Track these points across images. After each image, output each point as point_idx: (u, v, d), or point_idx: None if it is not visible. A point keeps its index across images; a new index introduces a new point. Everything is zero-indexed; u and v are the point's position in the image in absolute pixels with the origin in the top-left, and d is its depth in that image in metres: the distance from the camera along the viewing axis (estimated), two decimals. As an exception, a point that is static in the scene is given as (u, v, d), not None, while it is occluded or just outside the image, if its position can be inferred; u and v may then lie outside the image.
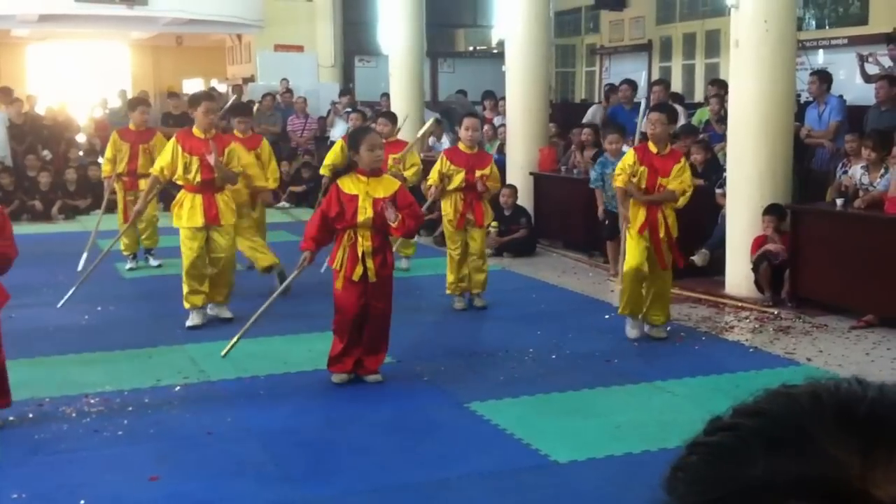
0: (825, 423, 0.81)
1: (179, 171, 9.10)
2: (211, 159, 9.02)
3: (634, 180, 8.52)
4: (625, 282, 8.69)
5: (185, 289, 9.30)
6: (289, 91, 21.35)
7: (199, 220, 9.16)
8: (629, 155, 8.74)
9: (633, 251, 8.62)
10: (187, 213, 9.17)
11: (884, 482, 0.77)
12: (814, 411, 0.83)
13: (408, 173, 10.51)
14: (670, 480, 0.87)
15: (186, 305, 9.31)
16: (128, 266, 12.29)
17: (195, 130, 9.30)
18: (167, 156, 9.19)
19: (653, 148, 8.57)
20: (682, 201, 8.58)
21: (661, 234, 8.53)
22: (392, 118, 11.72)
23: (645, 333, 8.81)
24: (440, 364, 8.06)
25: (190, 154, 9.11)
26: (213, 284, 9.48)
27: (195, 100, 9.68)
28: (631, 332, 8.79)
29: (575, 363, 8.08)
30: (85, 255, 11.39)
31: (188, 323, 9.28)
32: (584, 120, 15.58)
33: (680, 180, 8.50)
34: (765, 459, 0.81)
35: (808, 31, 16.29)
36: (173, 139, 9.36)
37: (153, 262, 12.52)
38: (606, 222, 11.46)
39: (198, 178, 9.12)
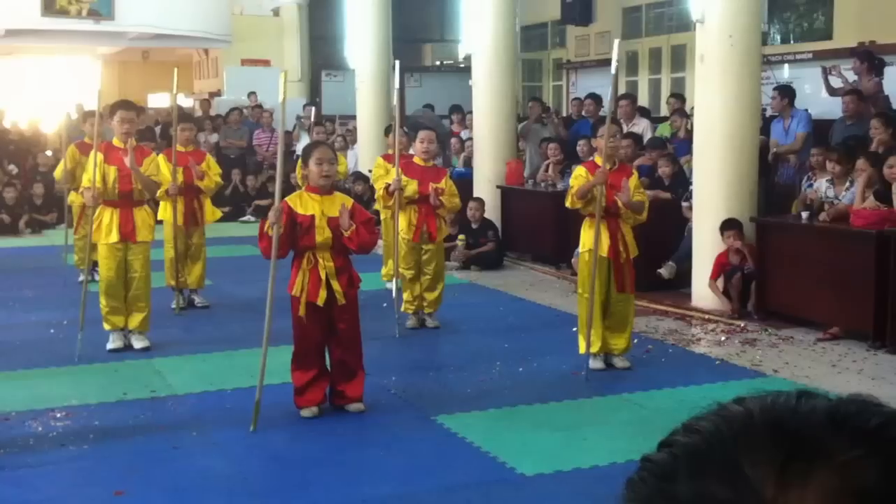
0: (751, 443, 0.81)
1: (99, 182, 8.61)
2: (127, 161, 8.57)
3: (588, 196, 8.04)
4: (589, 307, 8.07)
5: (104, 309, 8.84)
6: (258, 106, 21.33)
7: (115, 236, 8.73)
8: (581, 173, 8.23)
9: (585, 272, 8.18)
10: (105, 228, 8.74)
11: (796, 503, 0.77)
12: (743, 430, 0.83)
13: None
14: (623, 494, 0.88)
15: (106, 327, 8.89)
16: (80, 278, 12.11)
17: (115, 141, 8.90)
18: (92, 169, 8.69)
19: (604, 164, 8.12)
20: (644, 215, 8.33)
21: (625, 255, 8.13)
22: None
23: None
24: (407, 377, 8.05)
25: (109, 165, 8.70)
26: (128, 308, 8.97)
27: (112, 110, 9.13)
28: (595, 363, 8.21)
29: (542, 376, 8.09)
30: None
31: (108, 346, 8.88)
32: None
33: (640, 192, 8.30)
34: (687, 481, 0.81)
35: (774, 46, 16.42)
36: (94, 151, 8.87)
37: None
38: None
39: (116, 189, 8.71)
